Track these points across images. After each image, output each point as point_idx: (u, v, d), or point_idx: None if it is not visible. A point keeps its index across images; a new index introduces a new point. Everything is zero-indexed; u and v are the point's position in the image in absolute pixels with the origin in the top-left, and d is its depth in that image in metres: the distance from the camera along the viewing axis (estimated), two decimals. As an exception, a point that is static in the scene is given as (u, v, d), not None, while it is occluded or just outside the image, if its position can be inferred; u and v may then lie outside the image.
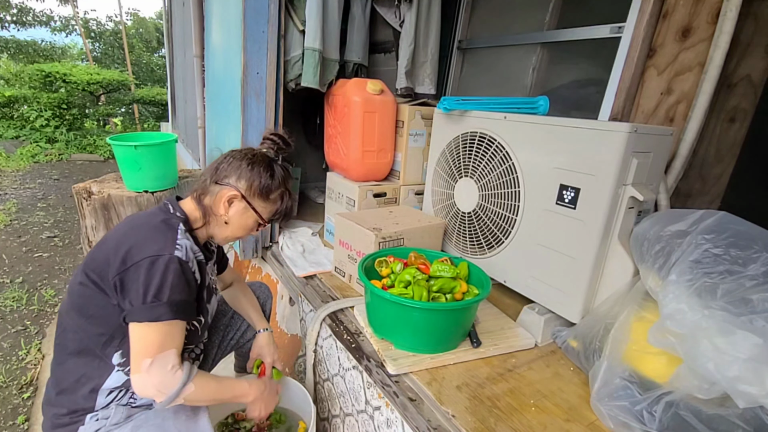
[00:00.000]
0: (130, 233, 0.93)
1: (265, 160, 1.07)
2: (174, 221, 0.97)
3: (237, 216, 1.05)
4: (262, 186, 1.04)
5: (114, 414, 0.96)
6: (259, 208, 1.07)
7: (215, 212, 1.04)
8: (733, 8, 1.27)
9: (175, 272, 0.88)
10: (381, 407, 1.14)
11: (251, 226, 1.09)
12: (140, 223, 0.96)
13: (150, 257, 0.87)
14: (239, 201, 1.04)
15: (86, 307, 0.92)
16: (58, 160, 6.79)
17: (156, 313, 0.86)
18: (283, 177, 1.09)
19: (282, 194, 1.10)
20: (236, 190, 1.03)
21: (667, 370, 0.92)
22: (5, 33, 11.12)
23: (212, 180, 1.04)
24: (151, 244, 0.89)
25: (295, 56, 1.92)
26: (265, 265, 2.07)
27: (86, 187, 2.21)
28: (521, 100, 1.58)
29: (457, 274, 1.27)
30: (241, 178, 1.03)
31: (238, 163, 1.04)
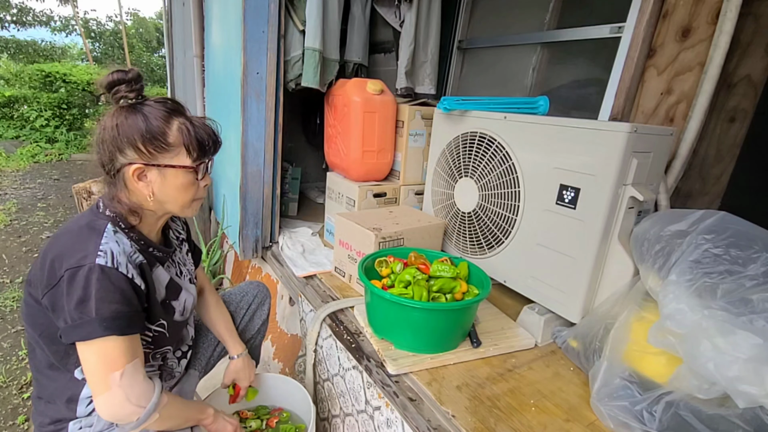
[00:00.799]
0: (54, 243, 0.83)
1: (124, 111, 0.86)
2: (100, 223, 0.85)
3: (162, 186, 0.88)
4: (147, 138, 0.85)
5: (97, 422, 0.93)
6: (169, 160, 0.88)
7: (139, 200, 0.89)
8: (733, 8, 1.27)
9: (98, 282, 0.77)
10: (381, 407, 1.14)
11: (185, 181, 0.90)
12: (64, 229, 0.86)
13: (70, 270, 0.77)
14: (148, 170, 0.87)
15: (36, 325, 0.87)
16: (58, 160, 6.79)
17: (85, 330, 0.77)
18: (161, 112, 0.87)
19: (179, 128, 0.88)
20: (131, 163, 0.85)
21: (667, 370, 0.92)
22: (5, 33, 11.13)
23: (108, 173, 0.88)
24: (70, 255, 0.79)
25: (295, 56, 1.92)
26: (265, 265, 2.07)
27: (86, 187, 2.21)
28: (521, 100, 1.58)
29: (457, 274, 1.27)
30: (123, 149, 0.85)
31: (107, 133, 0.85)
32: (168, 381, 1.09)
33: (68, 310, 0.77)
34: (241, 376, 1.27)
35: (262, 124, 1.79)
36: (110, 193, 0.89)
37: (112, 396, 0.80)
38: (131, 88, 0.87)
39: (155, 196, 0.89)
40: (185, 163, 0.89)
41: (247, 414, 1.36)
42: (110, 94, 0.87)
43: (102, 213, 0.89)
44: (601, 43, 1.75)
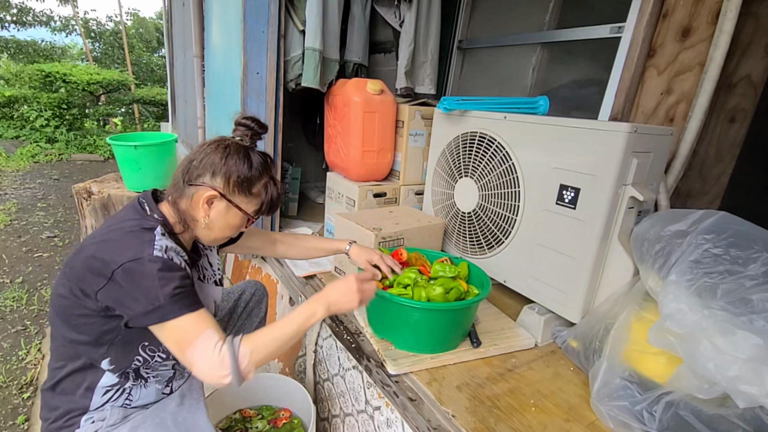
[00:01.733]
0: (105, 243, 0.87)
1: (240, 149, 0.96)
2: (151, 223, 0.90)
3: (219, 217, 0.96)
4: (241, 180, 0.94)
5: (110, 415, 0.95)
6: (243, 204, 0.97)
7: (194, 216, 0.95)
8: (733, 8, 1.27)
9: (160, 271, 0.83)
10: (381, 407, 1.14)
11: (238, 224, 1.00)
12: (114, 228, 0.90)
13: (129, 262, 0.82)
14: (219, 200, 0.95)
15: (69, 317, 0.89)
16: (58, 160, 6.79)
17: (160, 314, 0.83)
18: (263, 165, 0.98)
19: (266, 185, 0.99)
20: (213, 189, 0.93)
21: (667, 370, 0.92)
22: (5, 33, 11.12)
23: (185, 181, 0.94)
24: (126, 250, 0.84)
25: (295, 56, 1.92)
26: (265, 265, 2.07)
27: (86, 187, 2.21)
28: (521, 100, 1.58)
29: (457, 274, 1.27)
30: (216, 175, 0.93)
31: (210, 158, 0.94)
32: (179, 380, 1.09)
33: (135, 299, 0.82)
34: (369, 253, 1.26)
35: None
36: (173, 196, 0.96)
37: (197, 371, 0.85)
38: (253, 136, 1.01)
39: (207, 222, 0.96)
40: (249, 211, 0.99)
41: (250, 413, 1.36)
42: (236, 126, 1.01)
43: (151, 215, 0.94)
44: (601, 43, 1.75)
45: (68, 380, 0.95)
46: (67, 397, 0.95)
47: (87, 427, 0.94)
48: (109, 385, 0.95)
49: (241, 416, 1.34)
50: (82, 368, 0.94)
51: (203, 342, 0.84)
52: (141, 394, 1.00)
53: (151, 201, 0.97)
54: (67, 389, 0.95)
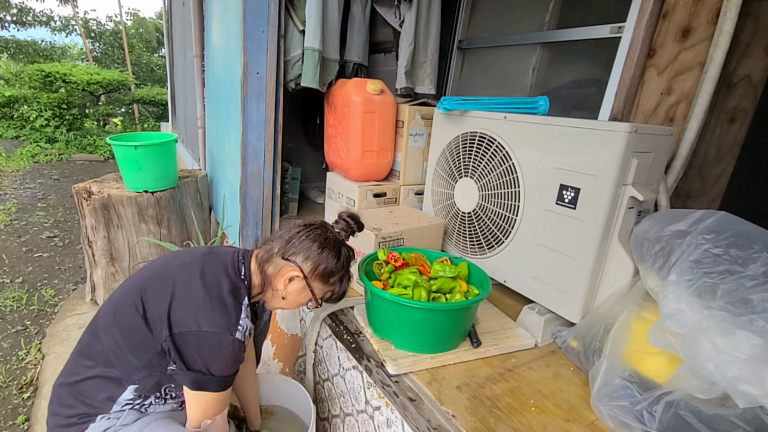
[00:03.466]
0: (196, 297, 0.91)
1: (336, 243, 1.05)
2: (242, 293, 0.97)
3: (294, 294, 1.04)
4: (326, 271, 1.03)
5: (126, 416, 0.97)
6: (317, 290, 1.05)
7: (274, 286, 1.02)
8: (733, 8, 1.27)
9: (232, 353, 0.90)
10: (381, 407, 1.14)
11: (304, 303, 1.08)
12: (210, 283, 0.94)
13: (211, 333, 0.88)
14: (300, 280, 1.02)
15: (129, 334, 0.93)
16: (58, 160, 6.79)
17: (205, 384, 0.90)
18: (347, 260, 1.07)
19: (342, 277, 1.08)
20: (300, 270, 1.01)
21: (667, 370, 0.92)
22: (5, 33, 11.11)
23: (279, 253, 1.02)
24: (214, 320, 0.89)
25: (295, 56, 1.92)
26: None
27: (86, 187, 2.21)
28: (521, 100, 1.58)
29: (457, 274, 1.27)
30: (308, 260, 1.01)
31: (309, 243, 1.02)
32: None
33: (194, 362, 0.89)
34: None
35: (262, 124, 1.79)
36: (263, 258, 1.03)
37: None
38: (349, 234, 1.12)
39: (284, 294, 1.04)
40: (319, 296, 1.07)
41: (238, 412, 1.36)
42: (338, 219, 1.12)
43: (243, 280, 1.01)
44: (601, 43, 1.75)
45: (92, 382, 0.95)
46: (86, 399, 0.95)
47: (101, 423, 0.95)
48: (131, 398, 0.98)
49: None
50: (110, 378, 0.95)
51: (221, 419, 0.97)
52: (158, 408, 1.03)
53: (249, 261, 1.04)
54: (87, 392, 0.95)
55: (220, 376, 0.90)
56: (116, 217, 2.21)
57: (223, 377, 0.91)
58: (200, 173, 2.74)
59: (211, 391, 0.91)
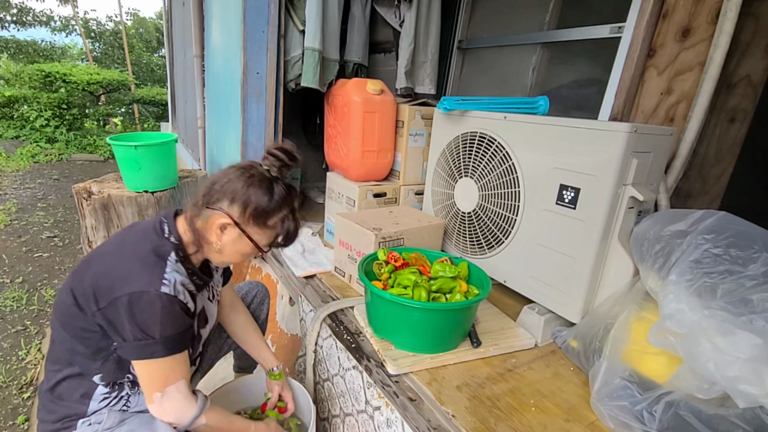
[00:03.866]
0: (116, 263, 0.88)
1: (264, 180, 0.94)
2: (165, 250, 0.91)
3: (230, 244, 0.96)
4: (257, 211, 0.93)
5: (107, 418, 0.95)
6: (255, 235, 0.96)
7: (207, 239, 0.95)
8: (733, 8, 1.27)
9: (163, 309, 0.84)
10: (381, 407, 1.14)
11: (248, 252, 0.99)
12: (129, 250, 0.90)
13: (134, 293, 0.83)
14: (232, 228, 0.93)
15: (69, 326, 0.90)
16: (58, 160, 6.79)
17: (149, 350, 0.85)
18: (284, 198, 0.96)
19: (283, 218, 0.97)
20: (228, 215, 0.92)
21: (667, 370, 0.92)
22: (5, 33, 11.12)
23: (204, 202, 0.94)
24: (136, 280, 0.84)
25: (295, 56, 1.92)
26: (265, 265, 2.07)
27: (86, 187, 2.21)
28: (521, 100, 1.58)
29: (457, 274, 1.27)
30: (234, 202, 0.92)
31: (233, 184, 0.93)
32: None
33: (130, 330, 0.84)
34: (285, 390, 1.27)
35: (262, 124, 1.79)
36: (190, 214, 0.95)
37: (153, 408, 0.92)
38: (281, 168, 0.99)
39: (220, 246, 0.96)
40: (262, 243, 0.98)
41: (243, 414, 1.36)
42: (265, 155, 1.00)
43: (167, 238, 0.94)
44: (601, 43, 1.75)
45: (65, 384, 0.95)
46: (63, 402, 0.94)
47: (83, 429, 0.94)
48: (107, 392, 0.96)
49: None
50: (79, 375, 0.94)
51: (174, 391, 0.90)
52: (139, 400, 1.01)
53: (172, 221, 0.97)
54: (64, 394, 0.95)
55: (162, 337, 0.85)
56: (116, 217, 2.21)
57: (166, 338, 0.85)
58: (200, 173, 2.74)
59: (159, 356, 0.86)
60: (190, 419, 0.93)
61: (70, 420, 0.94)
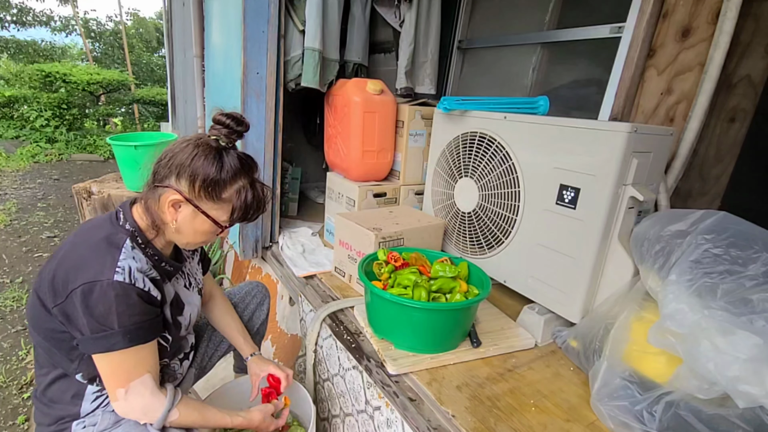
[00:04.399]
0: (69, 253, 0.84)
1: (210, 150, 0.87)
2: (119, 237, 0.86)
3: (186, 222, 0.90)
4: (206, 183, 0.87)
5: (101, 420, 0.94)
6: (211, 210, 0.90)
7: (163, 219, 0.90)
8: (733, 8, 1.27)
9: (118, 297, 0.80)
10: (381, 407, 1.14)
11: (208, 230, 0.93)
12: (81, 240, 0.86)
13: (86, 284, 0.79)
14: (185, 204, 0.88)
15: (40, 328, 0.88)
16: (58, 160, 6.79)
17: (108, 343, 0.81)
18: (236, 168, 0.90)
19: (239, 189, 0.91)
20: (177, 191, 0.87)
21: (667, 370, 0.92)
22: (5, 33, 11.12)
23: (153, 181, 0.90)
24: (86, 269, 0.80)
25: (295, 56, 1.92)
26: (265, 265, 2.07)
27: (86, 187, 2.21)
28: (521, 100, 1.58)
29: (457, 274, 1.27)
30: (181, 177, 0.86)
31: (177, 158, 0.87)
32: (171, 382, 1.09)
33: (87, 323, 0.80)
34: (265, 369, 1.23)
35: (262, 124, 1.79)
36: (144, 197, 0.91)
37: (118, 406, 0.88)
38: (230, 135, 0.92)
39: (176, 226, 0.91)
40: (220, 218, 0.92)
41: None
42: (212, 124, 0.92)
43: (122, 226, 0.90)
44: (601, 43, 1.75)
45: (54, 387, 0.93)
46: (56, 404, 0.93)
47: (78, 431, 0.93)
48: (97, 390, 0.94)
49: None
50: (65, 376, 0.92)
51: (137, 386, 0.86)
52: None
53: (127, 208, 0.93)
54: (55, 396, 0.93)
55: (121, 328, 0.80)
56: (116, 217, 2.21)
57: (125, 328, 0.81)
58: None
59: (119, 347, 0.81)
60: (161, 415, 0.88)
61: (64, 422, 0.93)
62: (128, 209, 0.93)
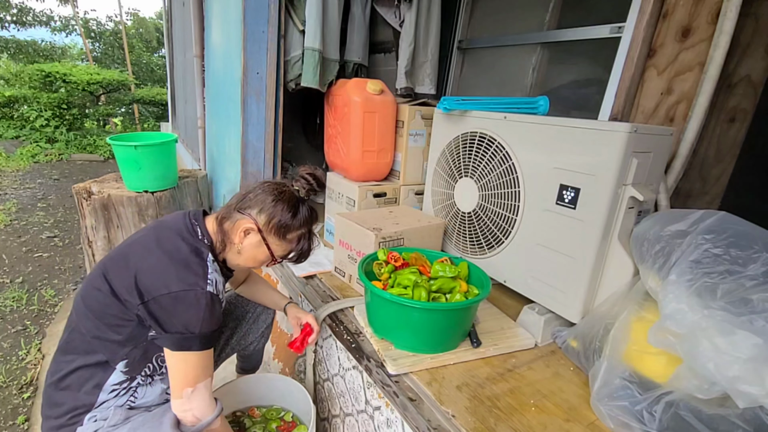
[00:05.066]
0: (159, 261, 0.92)
1: (292, 198, 1.05)
2: (203, 251, 0.98)
3: (250, 248, 1.04)
4: (280, 224, 1.03)
5: (112, 416, 0.96)
6: (273, 245, 1.05)
7: (231, 239, 1.03)
8: (733, 8, 1.27)
9: (207, 307, 0.90)
10: (381, 407, 1.14)
11: (262, 260, 1.08)
12: (169, 249, 0.95)
13: (182, 291, 0.89)
14: (255, 234, 1.03)
15: (103, 314, 0.93)
16: (58, 160, 6.79)
17: (188, 343, 0.90)
18: (306, 219, 1.07)
19: (300, 236, 1.08)
20: (254, 222, 1.02)
21: (667, 370, 0.92)
22: (5, 33, 11.13)
23: (236, 207, 1.04)
24: (181, 279, 0.90)
25: (295, 56, 1.92)
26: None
27: (86, 187, 2.21)
28: (521, 100, 1.58)
29: (457, 274, 1.27)
30: (262, 212, 1.02)
31: (264, 196, 1.03)
32: None
33: (173, 324, 0.89)
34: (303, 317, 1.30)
35: (262, 124, 1.79)
36: (221, 215, 1.04)
37: (179, 404, 0.94)
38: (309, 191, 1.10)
39: (240, 248, 1.04)
40: (277, 253, 1.07)
41: (256, 412, 1.36)
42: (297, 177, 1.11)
43: (201, 240, 1.01)
44: (601, 43, 1.75)
45: (75, 375, 0.96)
46: (72, 393, 0.95)
47: (89, 426, 0.95)
48: (118, 382, 0.97)
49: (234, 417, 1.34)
50: (94, 365, 0.95)
51: (202, 389, 0.94)
52: (146, 392, 1.02)
53: (202, 222, 1.04)
54: (73, 385, 0.96)
55: (201, 333, 0.90)
56: (116, 217, 2.21)
57: (204, 334, 0.91)
58: (200, 173, 2.74)
59: (195, 349, 0.91)
60: (210, 419, 0.95)
61: (77, 414, 0.95)
62: (203, 222, 1.04)
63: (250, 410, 1.37)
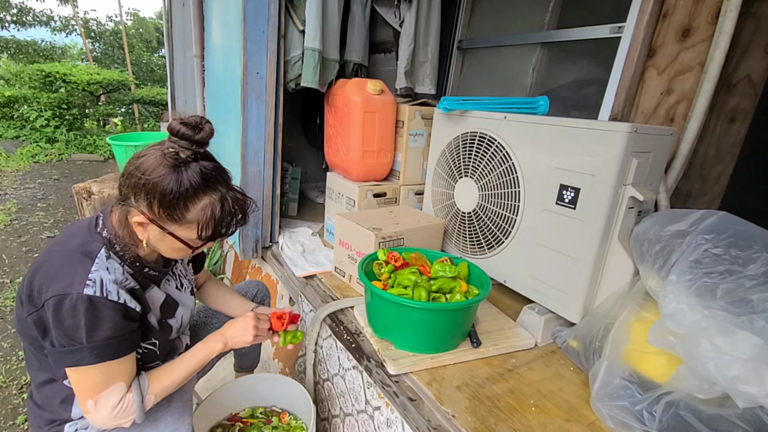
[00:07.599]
0: (46, 261, 0.81)
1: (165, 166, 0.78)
2: (93, 246, 0.82)
3: (158, 241, 0.85)
4: (165, 204, 0.79)
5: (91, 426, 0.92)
6: (178, 231, 0.83)
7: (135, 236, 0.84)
8: (733, 8, 1.27)
9: (87, 312, 0.76)
10: (381, 407, 1.14)
11: (183, 248, 0.87)
12: (58, 247, 0.82)
13: (56, 297, 0.75)
14: (151, 225, 0.82)
15: (25, 336, 0.87)
16: (58, 160, 6.79)
17: (74, 358, 0.77)
18: (198, 184, 0.80)
19: (205, 207, 0.82)
20: (140, 213, 0.81)
21: (667, 370, 0.92)
22: (5, 33, 11.11)
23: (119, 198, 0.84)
24: (58, 280, 0.77)
25: (295, 56, 1.92)
26: (265, 265, 2.07)
27: (86, 187, 2.21)
28: (521, 100, 1.58)
29: (457, 274, 1.27)
30: (139, 197, 0.80)
31: (134, 177, 0.79)
32: None
33: (56, 335, 0.77)
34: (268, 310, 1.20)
35: (262, 124, 1.79)
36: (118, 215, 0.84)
37: (90, 418, 0.84)
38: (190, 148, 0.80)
39: (149, 244, 0.87)
40: (190, 238, 0.85)
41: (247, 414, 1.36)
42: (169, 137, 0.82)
43: (99, 233, 0.85)
44: (601, 43, 1.75)
45: (45, 389, 0.92)
46: (46, 405, 0.93)
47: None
48: None
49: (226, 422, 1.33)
50: (52, 381, 0.91)
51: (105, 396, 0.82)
52: None
53: (107, 213, 0.87)
54: (46, 400, 0.92)
55: (90, 344, 0.76)
56: (116, 217, 2.21)
57: (94, 344, 0.77)
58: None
59: (85, 363, 0.78)
60: (136, 410, 0.85)
61: (56, 425, 0.93)
62: (108, 214, 0.87)
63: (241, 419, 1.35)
